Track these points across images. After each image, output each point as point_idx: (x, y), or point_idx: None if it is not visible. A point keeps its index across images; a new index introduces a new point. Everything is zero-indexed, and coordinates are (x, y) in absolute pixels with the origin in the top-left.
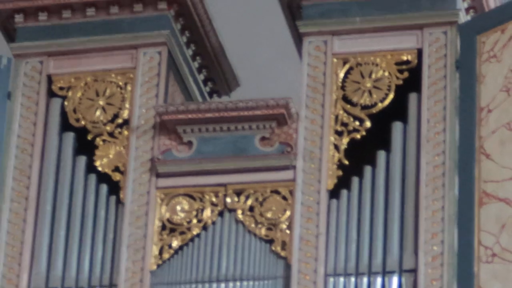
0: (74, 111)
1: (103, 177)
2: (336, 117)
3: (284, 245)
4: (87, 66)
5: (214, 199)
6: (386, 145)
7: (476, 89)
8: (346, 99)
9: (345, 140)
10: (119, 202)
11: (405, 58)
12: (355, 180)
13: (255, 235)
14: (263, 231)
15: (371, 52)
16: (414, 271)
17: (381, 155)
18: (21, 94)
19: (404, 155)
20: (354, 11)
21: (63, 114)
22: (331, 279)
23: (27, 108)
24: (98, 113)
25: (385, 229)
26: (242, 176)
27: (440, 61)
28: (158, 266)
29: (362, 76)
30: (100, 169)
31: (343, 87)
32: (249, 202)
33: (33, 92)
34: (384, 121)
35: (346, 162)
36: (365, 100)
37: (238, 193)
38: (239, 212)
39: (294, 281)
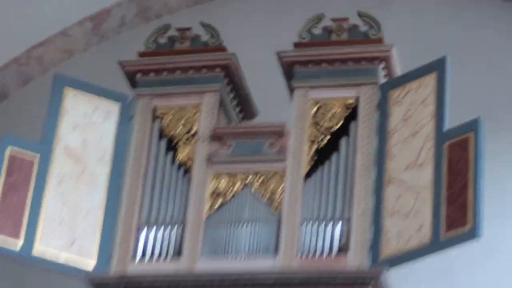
0: (167, 127)
1: (182, 165)
2: (310, 133)
3: (278, 204)
4: (175, 102)
5: (242, 177)
6: (337, 150)
7: (387, 120)
8: (316, 124)
9: (314, 146)
10: (189, 178)
11: (349, 102)
12: (320, 168)
13: (262, 198)
14: (267, 196)
15: (331, 98)
16: (349, 219)
17: (335, 155)
18: (138, 117)
19: (347, 156)
20: (322, 75)
21: (161, 129)
22: (303, 224)
23: (141, 125)
24: (180, 128)
25: (335, 196)
26: (257, 165)
27: (368, 104)
28: (209, 215)
29: (325, 111)
30: (180, 160)
31: (314, 117)
32: (260, 180)
33: (145, 116)
34: (337, 136)
35: (315, 158)
36: (327, 124)
37: (255, 174)
38: (255, 185)
39: (283, 225)
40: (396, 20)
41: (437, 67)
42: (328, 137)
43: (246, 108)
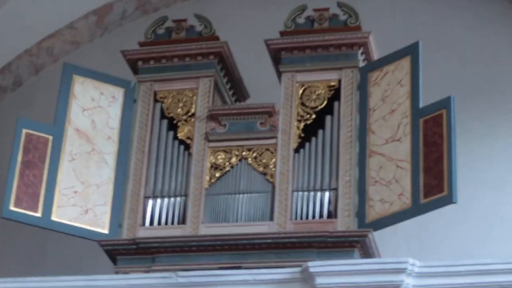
0: (167, 109)
1: (182, 142)
2: (298, 112)
3: (272, 176)
4: (174, 87)
5: (237, 153)
6: (322, 127)
7: (367, 99)
8: (302, 104)
9: (302, 124)
10: (189, 154)
11: (332, 84)
12: (307, 144)
13: (257, 171)
14: (261, 169)
15: (315, 81)
16: (336, 189)
17: (320, 132)
18: (140, 100)
19: (331, 132)
20: (307, 60)
21: (162, 111)
22: (295, 193)
23: (144, 108)
24: (179, 110)
25: (322, 168)
26: (250, 141)
27: (349, 85)
28: (209, 185)
29: (311, 92)
30: (180, 138)
31: (301, 98)
32: (254, 154)
33: (146, 99)
34: (322, 115)
35: (303, 135)
36: (312, 104)
37: (249, 149)
38: (250, 159)
39: (276, 194)
40: (373, 9)
41: (411, 51)
42: (314, 115)
43: (238, 91)
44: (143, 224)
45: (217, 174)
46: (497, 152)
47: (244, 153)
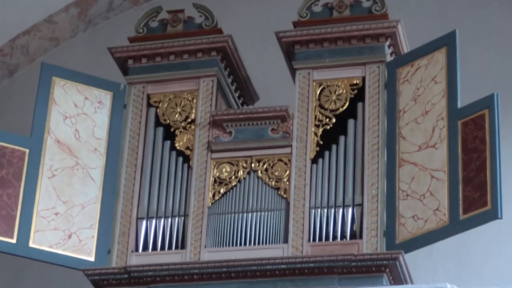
0: (163, 115)
1: (180, 153)
2: (315, 116)
3: (285, 191)
4: (170, 89)
5: (244, 165)
6: (344, 132)
7: (396, 99)
8: (321, 106)
9: (320, 130)
10: (189, 167)
11: (355, 82)
12: (326, 153)
13: (268, 185)
14: (273, 183)
15: (335, 79)
16: (361, 205)
17: (342, 138)
18: (131, 105)
19: (355, 138)
20: (325, 55)
21: (156, 117)
22: (313, 210)
23: (135, 114)
24: (177, 116)
25: (344, 181)
26: (261, 151)
27: (375, 84)
28: (212, 203)
29: (330, 93)
30: (178, 148)
31: (319, 99)
32: (265, 166)
33: (138, 104)
34: (343, 118)
35: (321, 142)
36: (332, 106)
37: (259, 161)
38: (259, 172)
39: (291, 211)
40: None
41: (447, 42)
42: (334, 119)
43: (245, 92)
44: (136, 249)
45: (222, 190)
46: None
47: (253, 165)
